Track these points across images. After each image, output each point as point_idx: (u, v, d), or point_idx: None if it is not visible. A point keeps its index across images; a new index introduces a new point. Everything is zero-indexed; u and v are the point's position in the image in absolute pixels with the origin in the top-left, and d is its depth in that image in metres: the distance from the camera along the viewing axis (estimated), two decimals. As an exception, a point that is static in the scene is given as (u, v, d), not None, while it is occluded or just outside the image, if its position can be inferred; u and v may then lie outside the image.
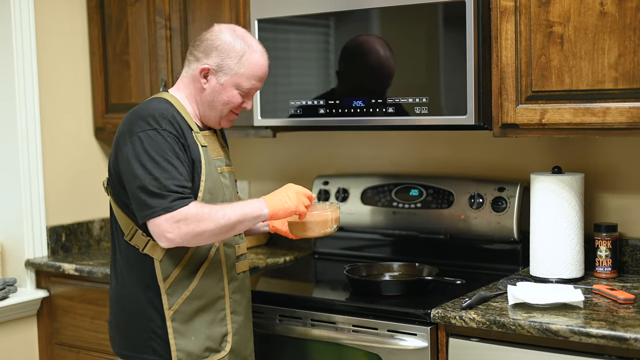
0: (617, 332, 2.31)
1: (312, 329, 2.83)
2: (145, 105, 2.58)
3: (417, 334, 2.64)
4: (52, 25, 3.79)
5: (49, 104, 3.78)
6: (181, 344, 2.56)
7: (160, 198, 2.42)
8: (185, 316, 2.57)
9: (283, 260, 3.50)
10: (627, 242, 3.03)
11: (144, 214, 2.45)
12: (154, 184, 2.43)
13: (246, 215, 2.53)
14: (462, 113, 2.81)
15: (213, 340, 2.61)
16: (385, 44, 2.97)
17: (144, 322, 2.58)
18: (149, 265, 2.56)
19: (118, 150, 2.53)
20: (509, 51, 2.78)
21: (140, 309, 2.58)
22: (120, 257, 2.63)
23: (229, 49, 2.61)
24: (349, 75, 3.06)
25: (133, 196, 2.47)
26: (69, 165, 3.89)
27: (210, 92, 2.64)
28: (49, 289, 3.69)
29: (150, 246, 2.55)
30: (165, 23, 3.61)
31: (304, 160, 3.79)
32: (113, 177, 2.59)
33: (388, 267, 3.12)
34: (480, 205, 3.20)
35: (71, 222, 3.88)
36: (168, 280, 2.55)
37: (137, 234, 2.56)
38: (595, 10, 2.63)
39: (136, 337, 2.60)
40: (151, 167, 2.44)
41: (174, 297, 2.56)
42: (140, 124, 2.49)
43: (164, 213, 2.42)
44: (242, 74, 2.62)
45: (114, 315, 2.70)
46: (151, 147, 2.46)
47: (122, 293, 2.64)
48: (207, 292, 2.60)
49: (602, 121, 2.64)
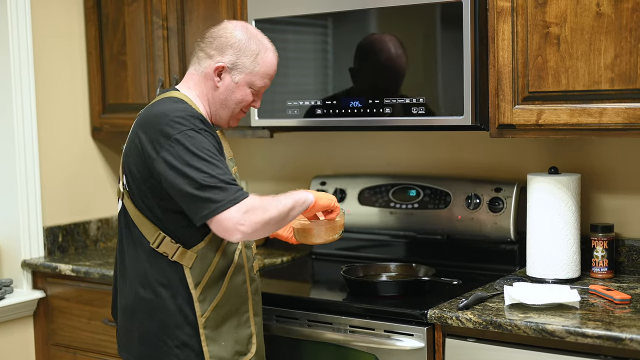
0: (613, 333, 2.32)
1: (309, 330, 2.83)
2: (166, 106, 2.49)
3: (414, 334, 2.64)
4: (48, 25, 3.79)
5: (45, 104, 3.77)
6: (213, 350, 2.52)
7: (223, 191, 2.34)
8: (215, 322, 2.53)
9: (280, 260, 3.50)
10: (624, 242, 3.04)
11: (208, 211, 2.34)
12: (211, 180, 2.35)
13: (297, 201, 2.52)
14: (459, 114, 2.81)
15: (240, 344, 2.59)
16: (382, 45, 2.98)
17: (171, 331, 2.50)
18: (179, 273, 2.50)
19: (152, 155, 2.42)
20: (505, 52, 2.78)
21: (170, 317, 2.50)
22: (144, 265, 2.52)
23: (244, 47, 2.58)
24: (346, 76, 3.06)
25: (188, 198, 2.37)
26: (66, 165, 3.89)
27: (224, 91, 2.60)
28: (46, 290, 3.69)
29: (180, 253, 2.48)
30: (162, 23, 3.61)
31: (302, 160, 3.79)
32: (138, 182, 2.49)
33: (385, 268, 3.12)
34: (477, 205, 3.21)
35: (68, 223, 3.88)
36: (199, 287, 2.50)
37: (165, 241, 2.49)
38: (592, 11, 2.63)
39: (160, 345, 2.52)
40: (201, 166, 2.36)
41: (205, 303, 2.51)
42: (174, 126, 2.41)
43: (231, 205, 2.33)
44: (256, 72, 2.60)
45: (134, 323, 2.57)
46: (194, 147, 2.38)
47: (150, 301, 2.52)
48: (234, 296, 2.58)
49: (599, 122, 2.65)
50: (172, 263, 2.50)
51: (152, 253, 2.51)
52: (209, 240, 2.51)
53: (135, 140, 2.49)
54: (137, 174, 2.48)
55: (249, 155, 3.92)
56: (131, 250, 2.57)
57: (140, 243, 2.54)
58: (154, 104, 2.56)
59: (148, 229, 2.51)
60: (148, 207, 2.50)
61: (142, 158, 2.46)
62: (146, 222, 2.51)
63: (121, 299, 2.64)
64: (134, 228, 2.55)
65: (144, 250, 2.53)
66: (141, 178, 2.48)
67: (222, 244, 2.54)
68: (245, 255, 2.63)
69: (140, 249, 2.54)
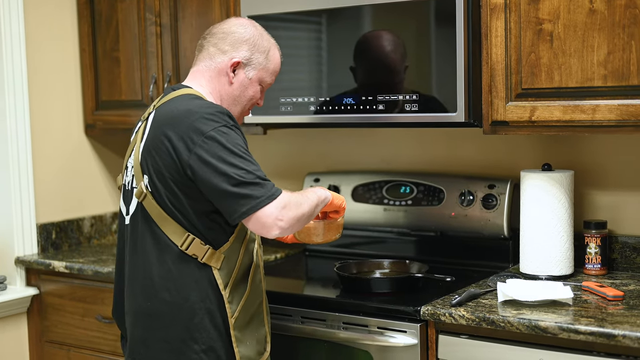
0: (605, 329, 2.32)
1: (303, 326, 2.83)
2: (190, 103, 2.44)
3: (407, 331, 2.64)
4: (41, 22, 3.78)
5: (38, 101, 3.77)
6: (242, 351, 2.49)
7: (261, 187, 2.33)
8: (243, 322, 2.50)
9: (274, 257, 3.50)
10: (617, 239, 3.04)
11: (247, 207, 2.32)
12: (249, 177, 2.33)
13: (319, 197, 2.55)
14: (452, 110, 2.81)
15: (260, 342, 2.57)
16: (375, 41, 2.97)
17: (198, 334, 2.43)
18: (208, 275, 2.44)
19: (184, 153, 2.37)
20: (498, 48, 2.78)
21: (197, 321, 2.43)
22: (170, 267, 2.44)
23: (258, 43, 2.59)
24: (339, 73, 3.06)
25: (226, 195, 2.33)
26: (59, 162, 3.88)
27: (238, 87, 2.58)
28: (39, 287, 3.69)
29: (210, 254, 2.42)
30: (155, 20, 3.61)
31: (295, 157, 3.78)
32: (167, 182, 2.41)
33: (378, 265, 3.12)
34: (470, 202, 3.21)
35: (61, 220, 3.88)
36: (228, 288, 2.46)
37: (195, 243, 2.42)
38: (585, 8, 2.63)
39: (185, 350, 2.44)
40: (238, 162, 2.34)
41: (233, 304, 2.47)
42: (206, 123, 2.37)
43: (270, 201, 2.32)
44: (268, 68, 2.62)
45: (155, 329, 2.48)
46: (229, 143, 2.35)
47: (176, 305, 2.44)
48: (255, 295, 2.56)
49: (592, 118, 2.65)
50: (201, 265, 2.43)
51: (180, 256, 2.43)
52: (233, 239, 2.47)
53: (161, 139, 2.42)
54: (166, 173, 2.40)
55: (243, 152, 3.91)
56: (153, 253, 2.46)
57: (165, 246, 2.44)
58: (172, 101, 2.50)
59: (175, 231, 2.43)
60: (177, 208, 2.42)
61: (171, 157, 2.39)
62: (173, 224, 2.43)
63: (135, 304, 2.53)
64: (157, 230, 2.45)
65: (171, 253, 2.44)
66: (171, 178, 2.40)
67: (244, 243, 2.51)
68: (260, 254, 2.61)
69: (165, 252, 2.44)
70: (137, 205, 2.50)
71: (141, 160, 2.47)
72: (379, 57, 2.97)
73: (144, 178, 2.46)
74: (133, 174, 2.51)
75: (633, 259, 3.01)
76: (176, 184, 2.40)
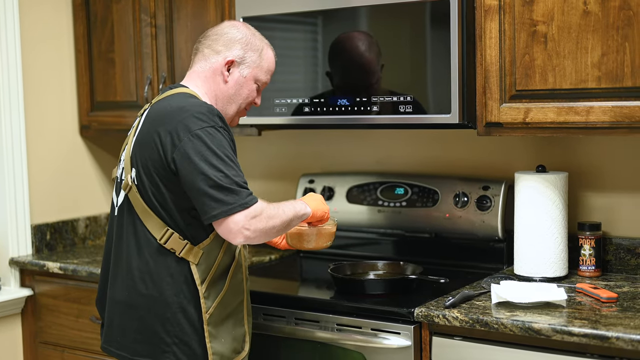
0: (599, 331, 2.32)
1: (296, 328, 2.83)
2: (183, 101, 2.51)
3: (401, 332, 2.64)
4: (37, 23, 3.78)
5: (33, 102, 3.76)
6: (215, 346, 2.52)
7: (235, 194, 2.38)
8: (218, 319, 2.53)
9: (268, 258, 3.50)
10: (611, 240, 3.04)
11: (218, 211, 2.37)
12: (226, 181, 2.38)
13: (297, 212, 2.59)
14: (447, 112, 2.81)
15: (237, 341, 2.60)
16: (370, 43, 2.97)
17: (171, 327, 2.49)
18: (184, 269, 2.49)
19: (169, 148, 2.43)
20: (493, 50, 2.78)
21: (170, 314, 2.49)
22: (148, 260, 2.51)
23: (250, 42, 2.66)
24: (334, 74, 3.06)
25: (201, 195, 2.38)
26: (54, 163, 3.88)
27: (233, 85, 2.64)
28: (33, 288, 3.68)
29: (187, 249, 2.48)
30: (150, 21, 3.60)
31: (290, 158, 3.78)
32: (152, 176, 2.48)
33: (372, 266, 3.12)
34: (465, 204, 3.21)
35: (56, 221, 3.87)
36: (205, 284, 2.50)
37: (174, 237, 2.48)
38: (579, 10, 2.63)
39: (158, 342, 2.51)
40: (219, 164, 2.39)
41: (209, 300, 2.51)
42: (195, 121, 2.43)
43: (241, 209, 2.37)
44: (262, 66, 2.68)
45: (131, 319, 2.55)
46: (214, 144, 2.41)
47: (150, 298, 2.51)
48: (234, 294, 2.59)
49: (586, 120, 2.65)
50: (179, 260, 2.50)
51: (159, 249, 2.50)
52: (213, 237, 2.52)
53: (151, 134, 2.48)
54: (152, 168, 2.47)
55: (237, 153, 3.90)
56: (133, 245, 2.54)
57: (145, 239, 2.52)
58: (167, 98, 2.58)
59: (155, 224, 2.50)
60: (159, 202, 2.49)
61: (158, 152, 2.46)
62: (153, 218, 2.50)
63: (114, 293, 2.61)
64: (138, 223, 2.53)
65: (149, 246, 2.51)
66: (156, 172, 2.47)
67: (225, 241, 2.55)
68: (243, 254, 2.65)
69: (144, 245, 2.52)
70: (124, 198, 2.58)
71: (132, 154, 2.55)
72: (373, 58, 2.97)
73: (132, 171, 2.53)
74: (123, 167, 2.59)
75: (627, 260, 3.01)
76: (161, 178, 2.47)
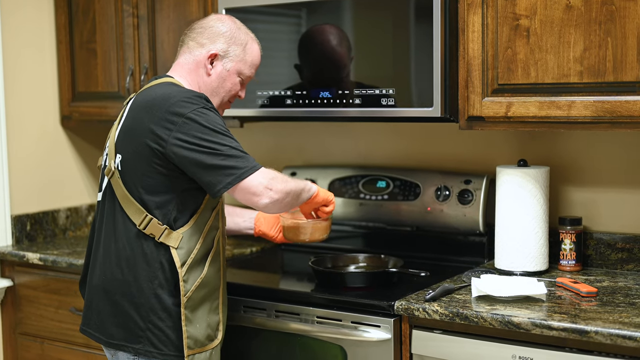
0: (578, 325, 2.32)
1: (276, 320, 2.82)
2: (168, 89, 2.56)
3: (381, 325, 2.64)
4: (17, 12, 3.75)
5: (14, 92, 3.73)
6: (190, 330, 2.55)
7: (244, 160, 2.46)
8: (194, 303, 2.56)
9: (249, 250, 3.49)
10: (592, 235, 3.05)
11: (233, 177, 2.44)
12: (231, 150, 2.45)
13: (305, 187, 2.68)
14: (429, 105, 2.81)
15: (211, 328, 2.62)
16: (351, 35, 2.97)
17: (145, 313, 2.54)
18: (161, 256, 2.54)
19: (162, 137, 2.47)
20: (475, 44, 2.78)
21: (145, 300, 2.54)
22: (124, 246, 2.56)
23: (235, 36, 2.70)
24: (315, 66, 3.05)
25: (210, 170, 2.44)
26: (35, 153, 3.85)
27: (216, 78, 2.69)
28: (13, 279, 3.66)
29: (167, 234, 2.52)
30: (132, 11, 3.58)
31: (272, 151, 3.77)
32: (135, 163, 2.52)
33: (353, 259, 3.11)
34: (446, 197, 3.21)
35: (36, 211, 3.85)
36: (185, 267, 2.53)
37: (152, 223, 2.52)
38: (561, 4, 2.63)
39: (132, 327, 2.56)
40: (219, 139, 2.46)
41: (188, 284, 2.54)
42: (184, 105, 2.48)
43: (255, 171, 2.45)
44: (246, 61, 2.72)
45: (107, 303, 2.60)
46: (208, 122, 2.47)
47: (125, 283, 2.56)
48: (211, 281, 2.61)
49: (567, 115, 2.65)
50: (158, 245, 2.54)
51: (138, 235, 2.54)
52: (193, 222, 2.56)
53: (137, 122, 2.53)
54: (135, 154, 2.52)
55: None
56: (112, 230, 2.60)
57: (124, 224, 2.57)
58: (152, 87, 2.62)
59: (134, 210, 2.54)
60: (139, 187, 2.53)
61: (144, 139, 2.50)
62: (133, 204, 2.54)
63: (93, 277, 2.67)
64: (118, 209, 2.58)
65: (128, 232, 2.56)
66: (140, 159, 2.51)
67: (205, 228, 2.58)
68: (222, 244, 2.66)
69: (123, 230, 2.57)
70: (107, 183, 2.62)
71: (116, 141, 2.59)
72: (355, 51, 2.96)
73: (116, 157, 2.57)
74: (107, 153, 2.63)
75: (607, 255, 3.02)
76: (148, 165, 2.51)
